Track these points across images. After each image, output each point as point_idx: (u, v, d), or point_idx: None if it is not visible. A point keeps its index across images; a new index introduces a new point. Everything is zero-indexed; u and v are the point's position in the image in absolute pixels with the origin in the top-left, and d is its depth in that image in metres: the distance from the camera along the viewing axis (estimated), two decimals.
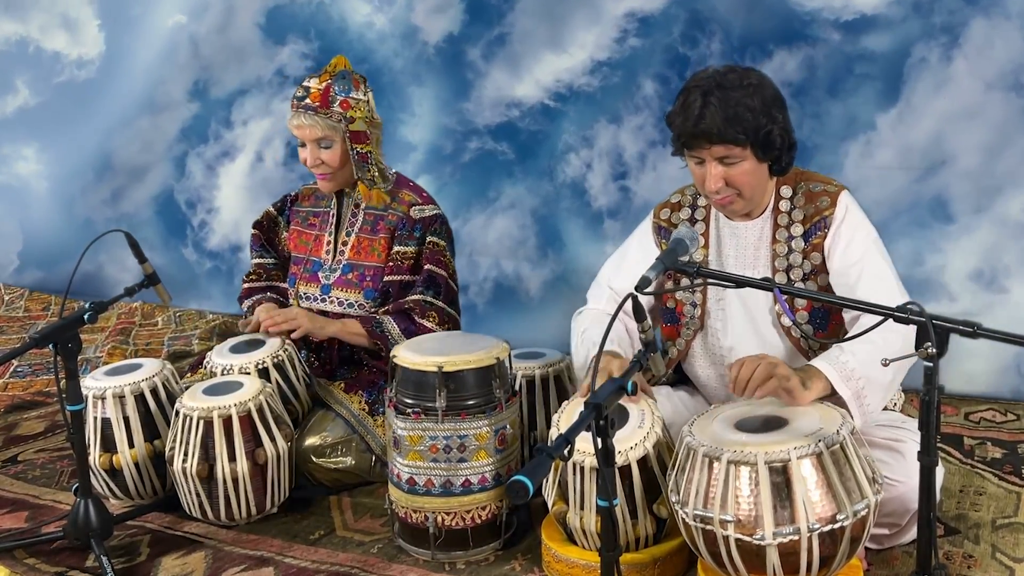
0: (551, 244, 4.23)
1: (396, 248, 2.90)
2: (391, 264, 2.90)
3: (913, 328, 2.03)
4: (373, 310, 2.91)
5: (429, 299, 2.84)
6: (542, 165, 4.21)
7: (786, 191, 2.35)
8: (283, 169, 4.90)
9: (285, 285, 3.12)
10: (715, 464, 1.94)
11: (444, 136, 4.39)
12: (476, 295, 4.34)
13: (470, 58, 4.31)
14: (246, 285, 3.15)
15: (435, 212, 2.94)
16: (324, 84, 2.80)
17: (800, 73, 3.64)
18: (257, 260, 3.19)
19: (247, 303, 3.07)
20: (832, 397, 2.11)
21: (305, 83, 2.84)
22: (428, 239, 2.90)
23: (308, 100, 2.80)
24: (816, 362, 2.12)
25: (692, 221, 2.45)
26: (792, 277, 2.33)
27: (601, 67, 4.05)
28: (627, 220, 3.98)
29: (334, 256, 2.99)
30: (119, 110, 5.16)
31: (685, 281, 2.40)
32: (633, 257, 2.52)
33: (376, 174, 2.89)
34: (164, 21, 4.99)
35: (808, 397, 2.06)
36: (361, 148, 2.84)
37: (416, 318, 2.82)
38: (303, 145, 2.86)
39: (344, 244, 2.98)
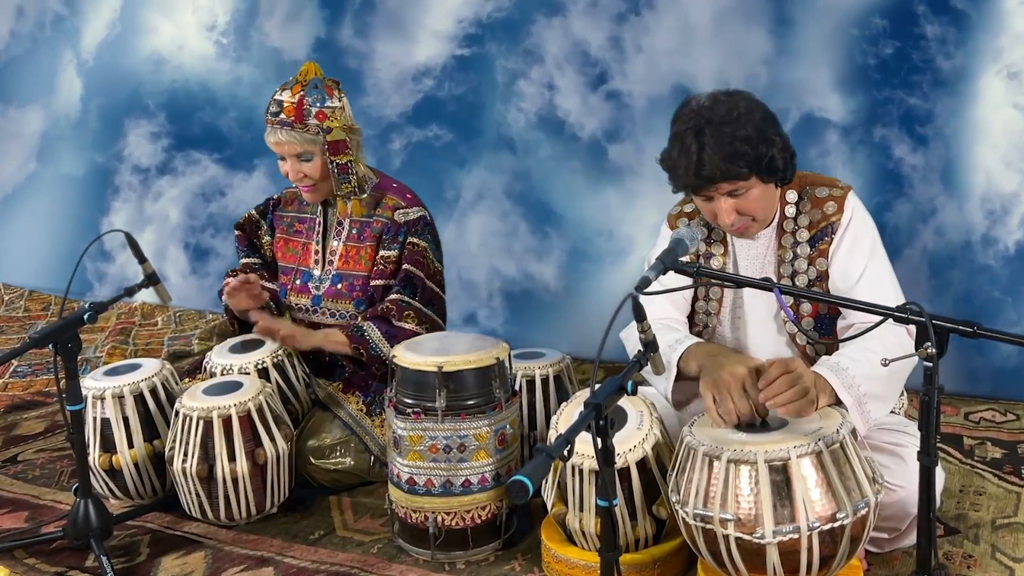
0: (547, 219, 3.41)
1: (381, 253, 2.87)
2: (376, 269, 2.87)
3: (910, 333, 2.05)
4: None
5: (406, 299, 2.80)
6: (489, 126, 3.29)
7: (791, 196, 2.33)
8: (194, 278, 4.02)
9: (270, 285, 3.05)
10: (715, 463, 1.94)
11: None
12: (488, 318, 3.60)
13: (346, 44, 3.47)
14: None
15: (420, 214, 2.89)
16: (297, 96, 2.74)
17: None
18: (244, 260, 3.13)
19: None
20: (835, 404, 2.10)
21: (277, 96, 2.78)
22: (408, 240, 2.85)
23: (283, 115, 2.74)
24: (819, 369, 2.10)
25: (709, 239, 2.42)
26: (797, 283, 2.31)
27: None
28: (635, 139, 3.05)
29: (323, 266, 2.96)
30: None
31: (702, 290, 2.39)
32: None
33: (356, 185, 2.85)
34: None
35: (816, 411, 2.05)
36: (340, 159, 2.79)
37: (394, 320, 2.78)
38: (283, 159, 2.82)
39: (332, 253, 2.95)
